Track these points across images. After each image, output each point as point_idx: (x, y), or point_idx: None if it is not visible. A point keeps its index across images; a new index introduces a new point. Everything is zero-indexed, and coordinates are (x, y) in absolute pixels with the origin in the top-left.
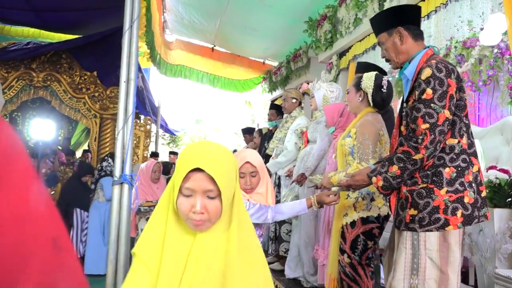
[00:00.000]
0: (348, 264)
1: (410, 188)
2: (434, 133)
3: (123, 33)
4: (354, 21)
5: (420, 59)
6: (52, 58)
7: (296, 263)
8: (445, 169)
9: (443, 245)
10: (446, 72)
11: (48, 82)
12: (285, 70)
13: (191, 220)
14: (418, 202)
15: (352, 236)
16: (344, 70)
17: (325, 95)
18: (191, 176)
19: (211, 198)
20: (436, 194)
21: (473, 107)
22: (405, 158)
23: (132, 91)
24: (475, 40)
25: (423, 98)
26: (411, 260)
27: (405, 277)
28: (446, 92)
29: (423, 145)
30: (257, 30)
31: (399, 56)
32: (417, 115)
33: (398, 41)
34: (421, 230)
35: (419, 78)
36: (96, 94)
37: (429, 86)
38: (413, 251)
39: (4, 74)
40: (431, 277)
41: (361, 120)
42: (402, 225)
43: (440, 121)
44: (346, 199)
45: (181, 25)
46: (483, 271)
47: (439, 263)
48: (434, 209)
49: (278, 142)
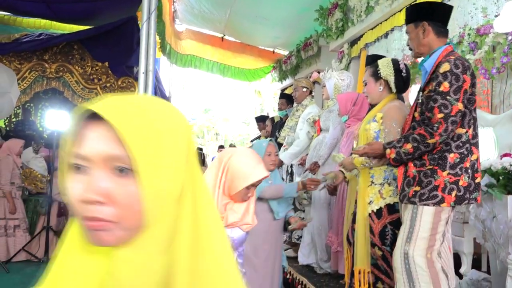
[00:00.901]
0: (380, 256)
1: (419, 169)
2: (447, 122)
3: (141, 25)
4: (366, 9)
5: (439, 54)
6: (64, 49)
7: (310, 250)
8: (450, 154)
9: (436, 219)
10: (462, 68)
11: (60, 73)
12: (295, 59)
13: (84, 221)
14: (423, 180)
15: (379, 227)
16: (355, 59)
17: (336, 84)
18: (85, 135)
19: (121, 175)
20: (438, 174)
21: (486, 94)
22: (420, 140)
23: (150, 82)
24: (489, 27)
25: (440, 90)
26: (408, 231)
27: (402, 245)
28: (461, 87)
29: (437, 132)
30: (267, 19)
31: (420, 47)
32: (434, 105)
33: (421, 34)
34: (420, 204)
35: (437, 71)
36: (108, 85)
37: (446, 80)
38: (411, 223)
39: (17, 66)
40: (421, 244)
41: (388, 105)
42: (405, 199)
43: (453, 112)
44: (370, 186)
45: (191, 15)
46: (496, 257)
47: (429, 233)
48: (434, 187)
49: (289, 130)
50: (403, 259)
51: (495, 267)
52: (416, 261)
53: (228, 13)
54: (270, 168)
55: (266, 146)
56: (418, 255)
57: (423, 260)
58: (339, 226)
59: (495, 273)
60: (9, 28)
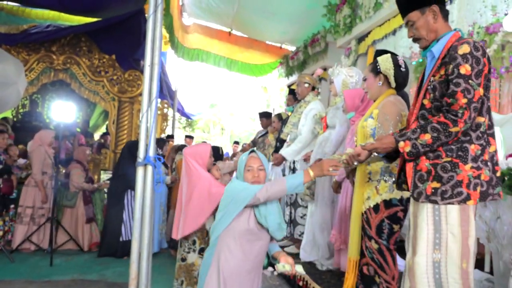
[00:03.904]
0: (376, 250)
1: (433, 162)
2: (470, 109)
3: (148, 18)
4: (374, 6)
5: (449, 39)
6: (71, 41)
7: (312, 247)
8: (471, 145)
9: (463, 219)
10: (482, 51)
11: (68, 65)
12: (302, 55)
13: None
14: (442, 175)
15: (377, 221)
16: (362, 56)
17: (345, 80)
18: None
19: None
20: (460, 168)
21: (494, 94)
22: (441, 129)
23: (156, 75)
24: (498, 26)
25: (462, 74)
26: (433, 236)
27: (428, 252)
28: (481, 71)
29: (463, 119)
30: (275, 14)
31: (430, 34)
32: (456, 89)
33: (431, 19)
34: (442, 203)
35: (454, 53)
36: (115, 77)
37: (467, 62)
38: (435, 226)
39: (25, 57)
40: (454, 250)
41: (384, 101)
42: (422, 197)
43: (475, 98)
44: (368, 182)
45: (198, 9)
46: (499, 258)
47: (460, 237)
48: (458, 183)
49: (292, 127)
50: (431, 267)
51: (498, 268)
52: (448, 272)
53: (236, 7)
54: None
55: (246, 160)
56: (452, 264)
57: (458, 271)
58: (343, 224)
59: (498, 273)
60: (18, 19)
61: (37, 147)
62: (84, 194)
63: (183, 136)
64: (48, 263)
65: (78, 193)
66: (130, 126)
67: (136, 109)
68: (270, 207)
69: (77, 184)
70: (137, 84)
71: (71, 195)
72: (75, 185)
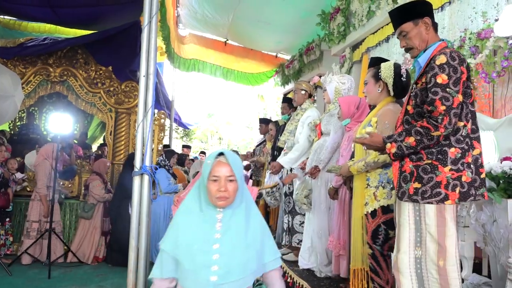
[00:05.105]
0: (370, 255)
1: (416, 164)
2: (450, 115)
3: (142, 28)
4: (367, 14)
5: (434, 50)
6: (68, 53)
7: (310, 254)
8: (451, 149)
9: (440, 220)
10: (459, 60)
11: (64, 77)
12: (297, 63)
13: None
14: (423, 176)
15: (373, 226)
16: (357, 63)
17: (337, 87)
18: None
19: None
20: (440, 170)
21: (487, 98)
22: (424, 133)
23: (151, 85)
24: (489, 31)
25: (439, 83)
26: (415, 234)
27: (410, 249)
28: (459, 79)
29: (442, 125)
30: (269, 24)
31: (422, 44)
32: (435, 97)
33: (423, 30)
34: (423, 202)
35: (432, 64)
36: (111, 89)
37: (444, 72)
38: (416, 225)
39: (22, 70)
40: (431, 249)
41: (383, 109)
42: (405, 197)
43: (455, 104)
44: (366, 188)
45: (194, 19)
46: (497, 261)
47: (437, 237)
48: (437, 184)
49: (289, 134)
50: (413, 263)
51: (495, 271)
52: (428, 268)
53: (231, 18)
54: (218, 205)
55: (211, 165)
56: (430, 261)
57: (435, 267)
58: (341, 230)
59: (495, 277)
60: (14, 33)
61: (42, 160)
62: (105, 206)
63: (180, 146)
64: (46, 276)
65: (95, 205)
66: (127, 137)
67: (133, 120)
68: None
69: (98, 196)
70: (134, 95)
71: (89, 207)
72: (96, 197)
